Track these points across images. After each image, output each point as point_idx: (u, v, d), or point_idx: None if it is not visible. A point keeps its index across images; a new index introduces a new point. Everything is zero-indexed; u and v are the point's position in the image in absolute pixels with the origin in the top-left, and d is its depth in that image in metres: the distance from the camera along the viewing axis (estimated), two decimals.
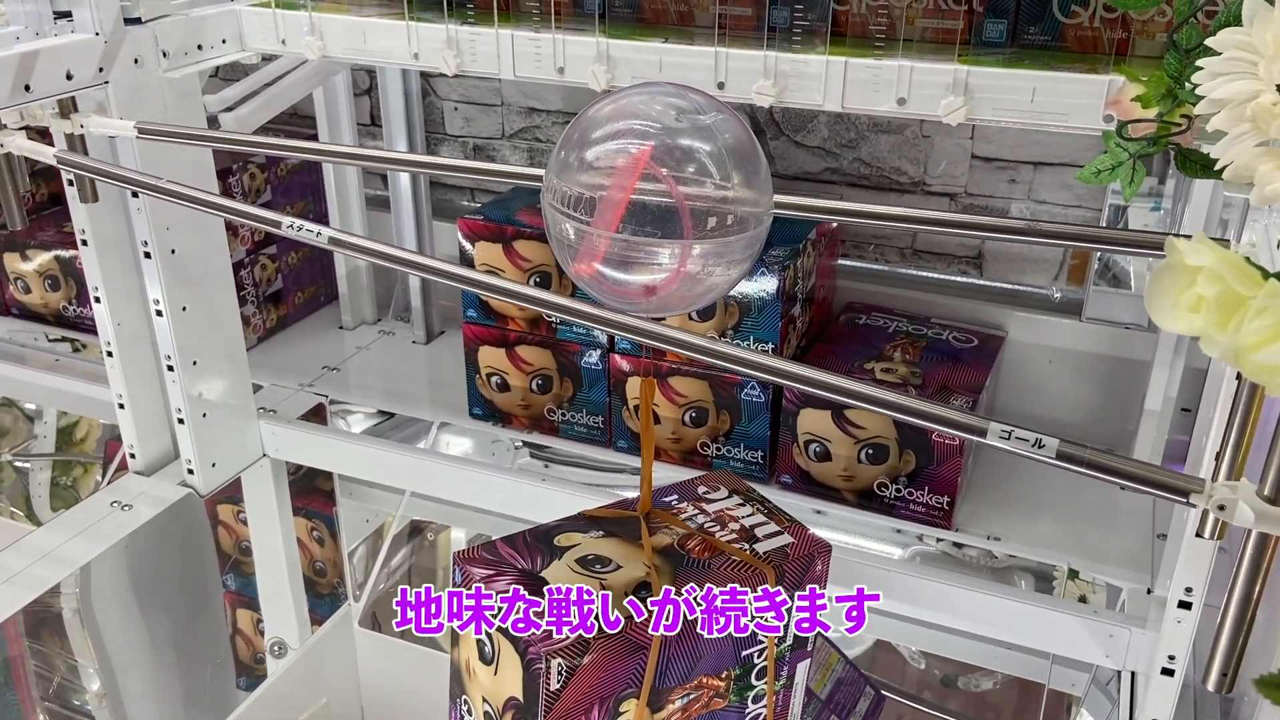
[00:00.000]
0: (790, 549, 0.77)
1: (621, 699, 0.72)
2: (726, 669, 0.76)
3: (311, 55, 1.09)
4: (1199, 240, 0.40)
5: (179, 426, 1.20)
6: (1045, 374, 1.31)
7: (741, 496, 0.85)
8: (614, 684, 0.71)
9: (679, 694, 0.74)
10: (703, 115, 0.67)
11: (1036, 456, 0.56)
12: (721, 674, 0.76)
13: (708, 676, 0.75)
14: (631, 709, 0.72)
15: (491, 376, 1.34)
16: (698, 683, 0.75)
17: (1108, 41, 0.88)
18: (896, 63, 0.88)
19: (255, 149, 1.02)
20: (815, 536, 0.79)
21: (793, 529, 0.80)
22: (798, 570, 0.77)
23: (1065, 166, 1.30)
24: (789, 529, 0.80)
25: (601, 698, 0.70)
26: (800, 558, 0.77)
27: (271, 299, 1.60)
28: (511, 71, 1.02)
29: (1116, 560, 1.09)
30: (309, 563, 1.60)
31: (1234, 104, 0.57)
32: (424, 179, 1.54)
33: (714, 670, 0.76)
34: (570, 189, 0.67)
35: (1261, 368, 0.36)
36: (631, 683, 0.71)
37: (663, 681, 0.73)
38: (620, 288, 0.70)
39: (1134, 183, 0.76)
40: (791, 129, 1.42)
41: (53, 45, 0.94)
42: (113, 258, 1.13)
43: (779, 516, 0.82)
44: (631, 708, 0.72)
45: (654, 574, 0.73)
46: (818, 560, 0.78)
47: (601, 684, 0.70)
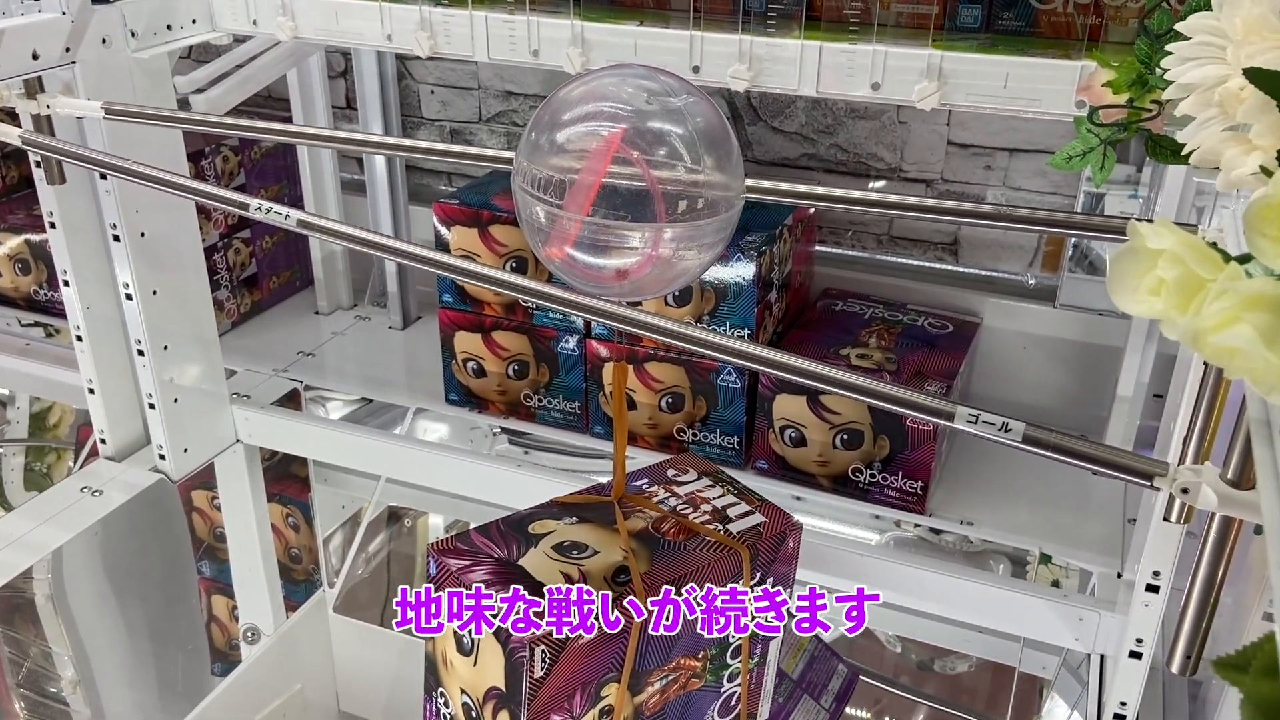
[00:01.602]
0: (763, 528, 0.78)
1: (603, 683, 0.72)
2: (704, 649, 0.77)
3: (283, 36, 1.08)
4: (1161, 224, 0.41)
5: (150, 412, 1.19)
6: (1019, 360, 1.31)
7: (711, 478, 0.85)
8: (596, 669, 0.71)
9: (658, 676, 0.75)
10: (674, 98, 0.67)
11: (1003, 440, 0.57)
12: (699, 655, 0.76)
13: (686, 658, 0.76)
14: (613, 693, 0.72)
15: (468, 362, 1.34)
16: (676, 664, 0.75)
17: (1081, 27, 0.88)
18: (871, 48, 0.87)
19: (224, 130, 1.01)
20: (785, 515, 0.80)
21: (763, 508, 0.80)
22: (771, 548, 0.78)
23: (1041, 153, 1.31)
24: (760, 508, 0.80)
25: (584, 683, 0.71)
26: (772, 536, 0.78)
27: (246, 283, 1.58)
28: (486, 54, 1.01)
29: (1088, 545, 1.10)
30: (284, 549, 1.59)
31: (1202, 89, 0.57)
32: (400, 163, 1.53)
33: (691, 651, 0.76)
34: (541, 172, 0.67)
35: (1220, 350, 0.36)
36: (612, 667, 0.72)
37: (642, 664, 0.73)
38: (592, 271, 0.70)
39: (1105, 168, 0.76)
40: (769, 115, 1.42)
41: (18, 25, 0.93)
42: (81, 241, 1.12)
43: (749, 496, 0.82)
44: (613, 691, 0.72)
45: (631, 558, 0.73)
46: (789, 538, 0.79)
47: (584, 669, 0.70)
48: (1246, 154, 0.53)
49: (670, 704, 0.77)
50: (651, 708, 0.76)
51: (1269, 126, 0.52)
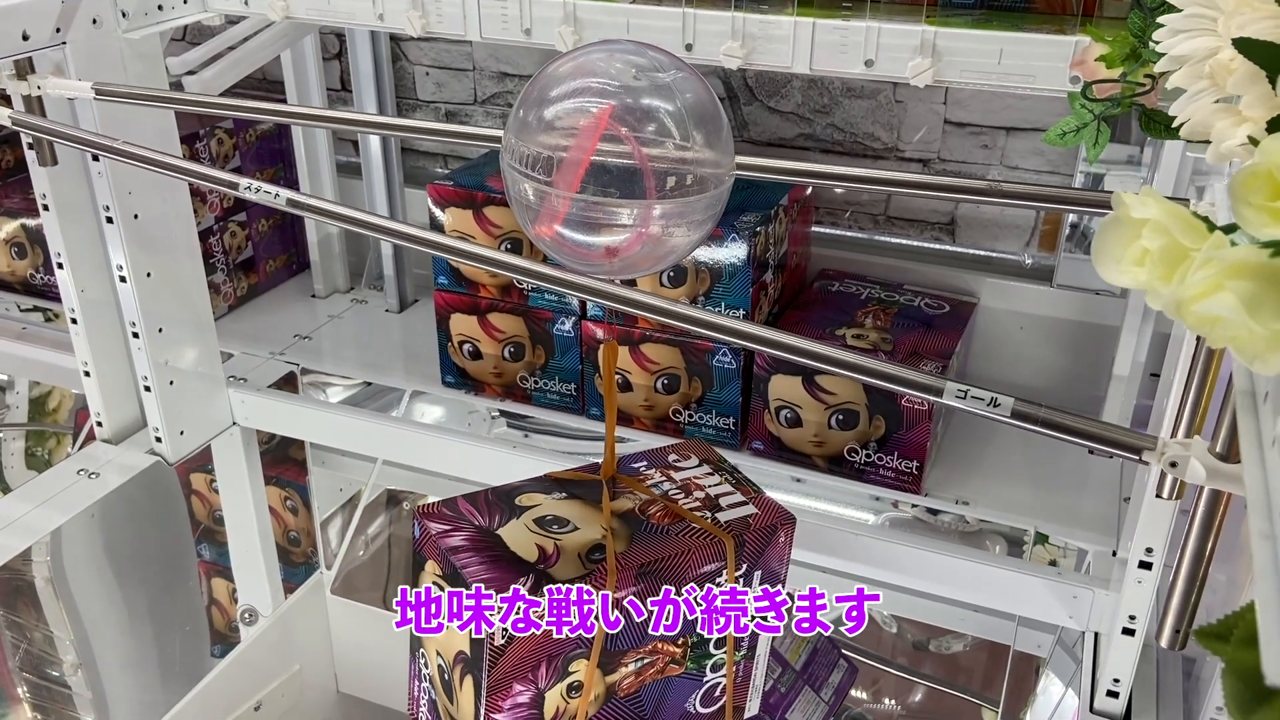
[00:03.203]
0: (753, 519, 0.77)
1: (571, 659, 0.72)
2: (683, 635, 0.76)
3: (274, 16, 1.07)
4: (1146, 193, 0.40)
5: (145, 394, 1.19)
6: (1016, 340, 1.31)
7: (711, 466, 0.84)
8: (562, 643, 0.71)
9: (632, 657, 0.74)
10: (663, 73, 0.67)
11: (992, 415, 0.57)
12: (677, 640, 0.76)
13: (663, 642, 0.75)
14: (582, 669, 0.72)
15: (463, 344, 1.34)
16: (652, 648, 0.75)
17: (1075, 3, 0.88)
18: (864, 24, 0.87)
19: (216, 110, 1.00)
20: (780, 508, 0.79)
21: (758, 500, 0.79)
22: (758, 541, 0.77)
23: (1039, 131, 1.30)
24: (754, 500, 0.79)
25: (549, 656, 0.71)
26: (762, 529, 0.77)
27: (242, 266, 1.58)
28: (478, 33, 1.01)
29: (1083, 523, 1.10)
30: (283, 532, 1.60)
31: (1193, 61, 0.57)
32: (395, 145, 1.52)
33: (669, 636, 0.76)
34: (529, 149, 0.66)
35: (1203, 319, 0.36)
36: (580, 643, 0.71)
37: (614, 644, 0.73)
38: (582, 249, 0.70)
39: (1098, 144, 0.76)
40: (765, 94, 1.41)
41: (7, 5, 0.92)
42: (75, 223, 1.11)
43: (746, 487, 0.81)
44: (581, 668, 0.72)
45: (609, 537, 0.73)
46: (780, 532, 0.78)
47: (549, 642, 0.70)
48: (1237, 125, 0.53)
49: (647, 688, 0.77)
50: (626, 689, 0.76)
51: (1258, 97, 0.51)
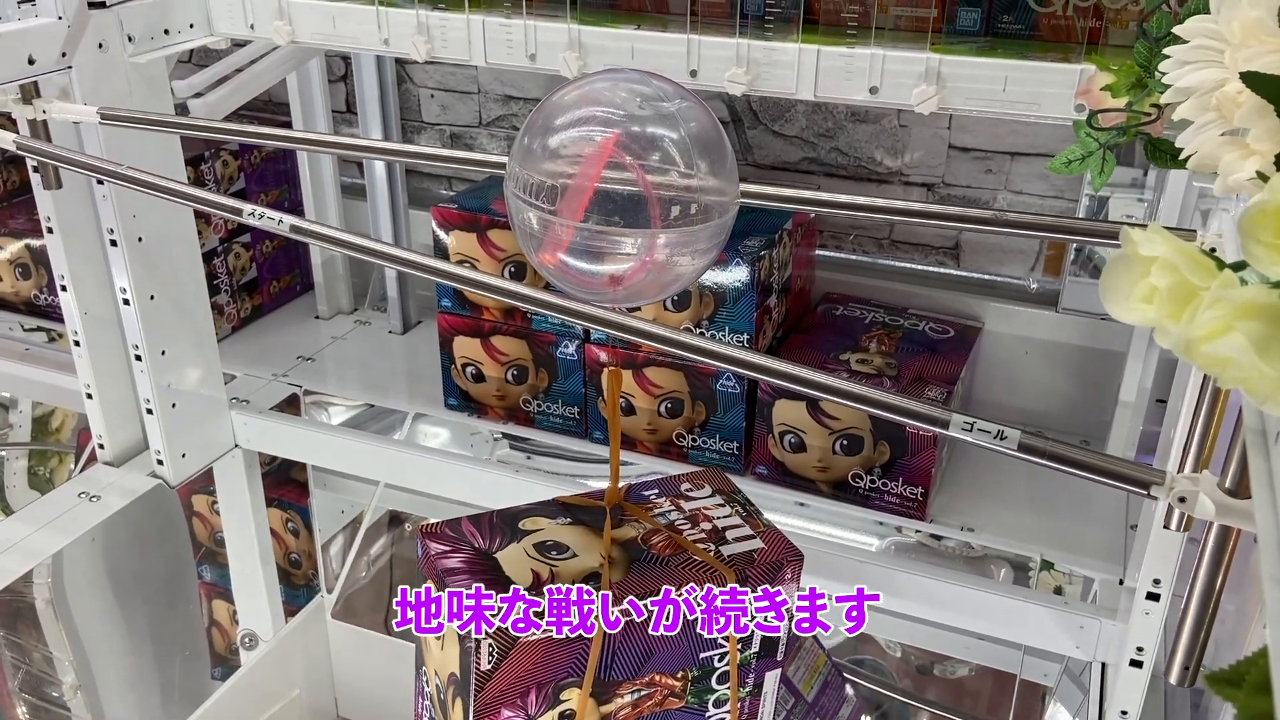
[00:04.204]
0: (758, 554, 0.76)
1: (562, 686, 0.71)
2: (682, 669, 0.75)
3: (280, 40, 1.07)
4: (1153, 230, 0.40)
5: (148, 417, 1.19)
6: (1021, 365, 1.30)
7: (724, 497, 0.83)
8: (552, 670, 0.70)
9: (628, 689, 0.74)
10: (667, 103, 0.67)
11: (999, 449, 0.56)
12: (677, 674, 0.75)
13: (661, 675, 0.74)
14: (573, 697, 0.71)
15: (466, 367, 1.33)
16: (650, 680, 0.74)
17: (1081, 30, 0.87)
18: (869, 51, 0.87)
19: (218, 135, 1.00)
20: (788, 544, 0.78)
21: (766, 535, 0.78)
22: (761, 576, 0.75)
23: (1042, 156, 1.30)
24: (763, 534, 0.78)
25: (539, 683, 0.70)
26: (767, 564, 0.76)
27: (246, 288, 1.58)
28: (483, 58, 1.01)
29: (1090, 551, 1.09)
30: (284, 554, 1.59)
31: (1200, 92, 0.56)
32: (400, 168, 1.53)
33: (668, 669, 0.75)
34: (534, 177, 0.66)
35: (1213, 359, 0.35)
36: (572, 671, 0.71)
37: (609, 674, 0.72)
38: (586, 277, 0.69)
39: (1104, 173, 0.76)
40: (769, 118, 1.41)
41: (13, 29, 0.92)
42: (79, 246, 1.11)
43: (755, 520, 0.80)
44: (573, 696, 0.71)
45: (606, 566, 0.73)
46: (786, 568, 0.76)
47: (538, 669, 0.69)
48: (1244, 158, 0.53)
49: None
50: None
51: (1266, 131, 0.51)
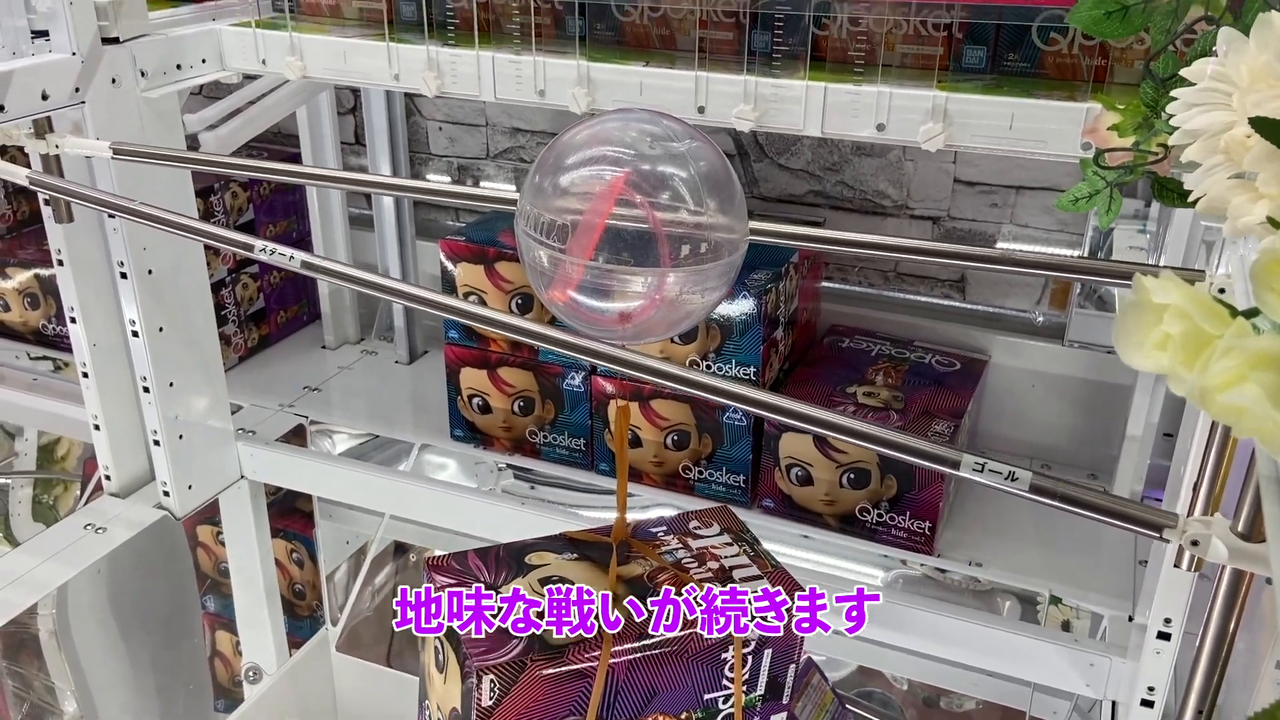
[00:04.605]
0: None
1: None
2: (686, 710, 0.75)
3: (292, 75, 1.08)
4: (1166, 277, 0.40)
5: (155, 448, 1.19)
6: (1028, 398, 1.30)
7: (732, 536, 0.83)
8: (554, 709, 0.70)
9: None
10: (677, 142, 0.67)
11: (1011, 490, 0.56)
12: (680, 715, 0.75)
13: (665, 716, 0.74)
14: None
15: (473, 398, 1.33)
16: (653, 719, 0.74)
17: (1086, 68, 0.88)
18: (876, 89, 0.87)
19: (229, 170, 1.01)
20: (796, 585, 0.77)
21: (774, 575, 0.78)
22: None
23: (1047, 190, 1.30)
24: (770, 575, 0.78)
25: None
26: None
27: (253, 318, 1.59)
28: (493, 93, 1.02)
29: (1098, 586, 1.08)
30: (288, 585, 1.58)
31: (1208, 135, 0.57)
32: (407, 199, 1.54)
33: (671, 709, 0.74)
34: (544, 216, 0.66)
35: (1228, 409, 0.35)
36: (575, 709, 0.70)
37: (611, 713, 0.72)
38: (595, 315, 0.70)
39: (1111, 211, 0.76)
40: (775, 151, 1.42)
41: (28, 65, 0.93)
42: (89, 278, 1.12)
43: (763, 561, 0.80)
44: None
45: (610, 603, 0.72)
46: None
47: (539, 707, 0.69)
48: (1253, 202, 0.53)
49: None
50: None
51: (1275, 175, 0.51)
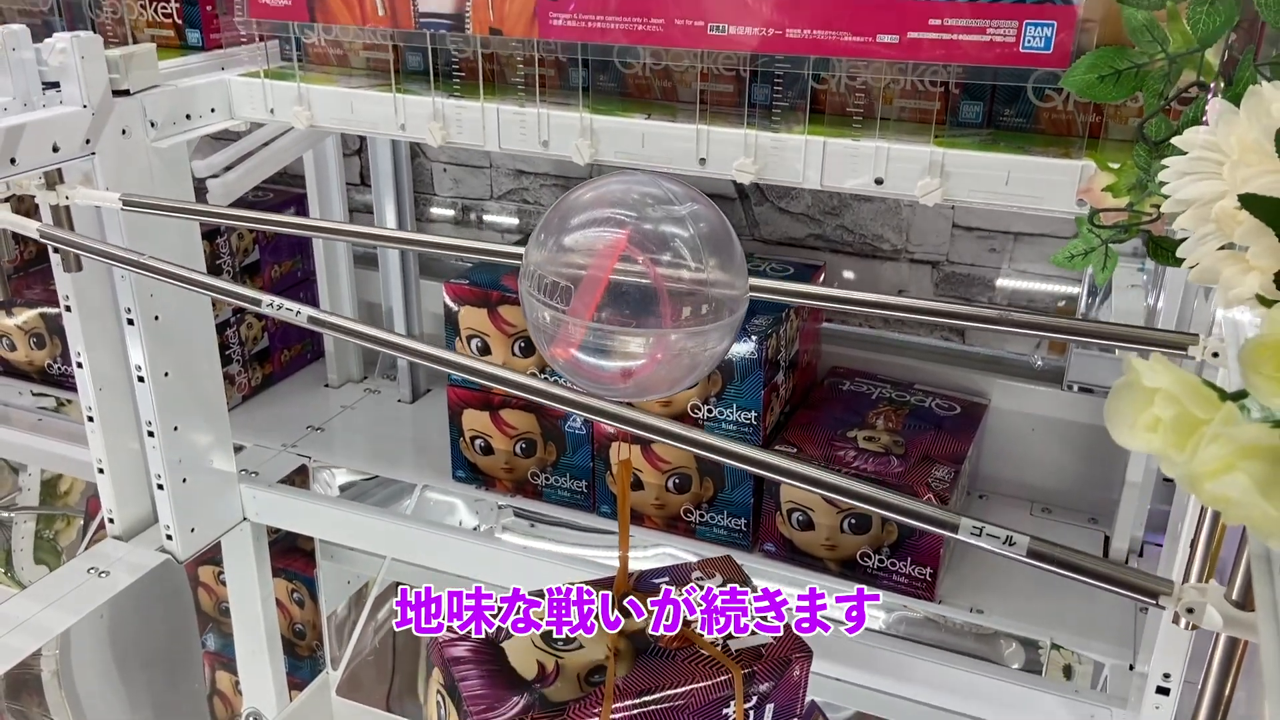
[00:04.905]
0: (765, 650, 0.76)
1: None
2: None
3: (300, 125, 1.10)
4: (1156, 361, 0.41)
5: (158, 492, 1.20)
6: (1028, 442, 1.31)
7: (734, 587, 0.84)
8: None
9: None
10: (678, 205, 0.68)
11: (1008, 554, 0.56)
12: None
13: None
14: None
15: (475, 440, 1.34)
16: None
17: (1081, 125, 0.90)
18: (874, 144, 0.89)
19: (238, 222, 1.02)
20: (797, 640, 0.78)
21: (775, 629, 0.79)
22: (769, 672, 0.75)
23: (1045, 237, 1.32)
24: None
25: None
26: (775, 660, 0.75)
27: (257, 357, 1.60)
28: (497, 144, 1.03)
29: (1099, 634, 1.09)
30: (289, 624, 1.58)
31: (1199, 204, 0.57)
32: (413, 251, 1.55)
33: None
34: (547, 276, 0.68)
35: (1216, 498, 0.36)
36: None
37: None
38: (597, 372, 0.70)
39: (1106, 268, 0.77)
40: (775, 196, 1.43)
41: (39, 119, 0.95)
42: (96, 323, 1.13)
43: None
44: None
45: (612, 659, 0.73)
46: (795, 665, 0.76)
47: None
48: (1244, 273, 0.54)
49: None
50: None
51: (1266, 248, 0.52)
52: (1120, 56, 0.73)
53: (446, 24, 1.01)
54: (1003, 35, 0.81)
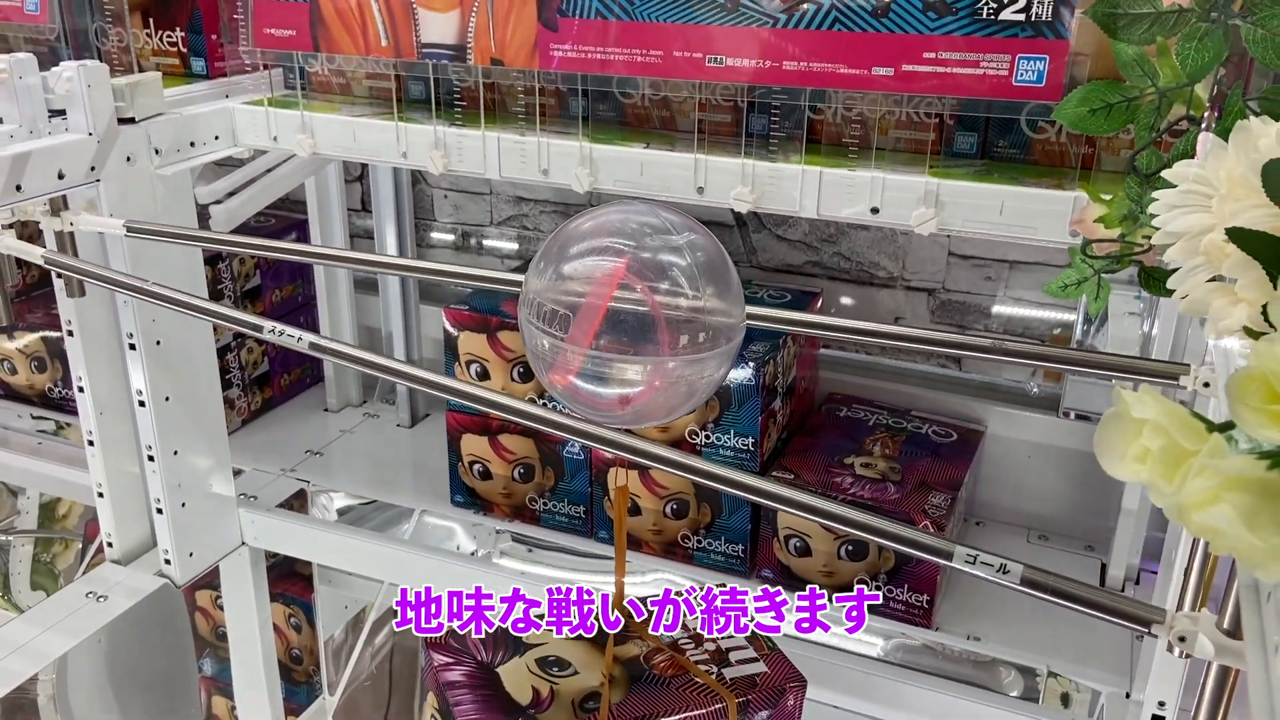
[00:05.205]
0: (760, 678, 0.76)
1: None
2: None
3: (302, 152, 1.11)
4: (1145, 392, 0.42)
5: (157, 516, 1.20)
6: (1024, 469, 1.31)
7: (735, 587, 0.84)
8: None
9: None
10: (676, 235, 0.69)
11: (1002, 582, 0.57)
12: None
13: None
14: None
15: (474, 464, 1.35)
16: None
17: (1074, 156, 0.91)
18: (870, 174, 0.90)
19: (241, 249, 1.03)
20: (792, 669, 0.78)
21: (770, 658, 0.79)
22: (765, 701, 0.75)
23: (1040, 265, 1.33)
24: (767, 657, 0.79)
25: None
26: (769, 689, 0.76)
27: (258, 381, 1.60)
28: (498, 171, 1.04)
29: (1096, 661, 1.09)
30: (285, 649, 1.58)
31: (1189, 237, 0.58)
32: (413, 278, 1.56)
33: None
34: (546, 304, 0.68)
35: (1204, 528, 0.36)
36: None
37: None
38: (595, 399, 0.71)
39: (1100, 298, 0.78)
40: (773, 223, 1.45)
41: (45, 146, 0.96)
42: (98, 348, 1.14)
43: (760, 642, 0.80)
44: None
45: (606, 686, 0.73)
46: (789, 695, 0.76)
47: None
48: (1233, 305, 0.54)
49: None
50: None
51: (1254, 281, 0.53)
52: (1112, 90, 0.74)
53: (448, 54, 1.02)
54: (996, 69, 0.82)
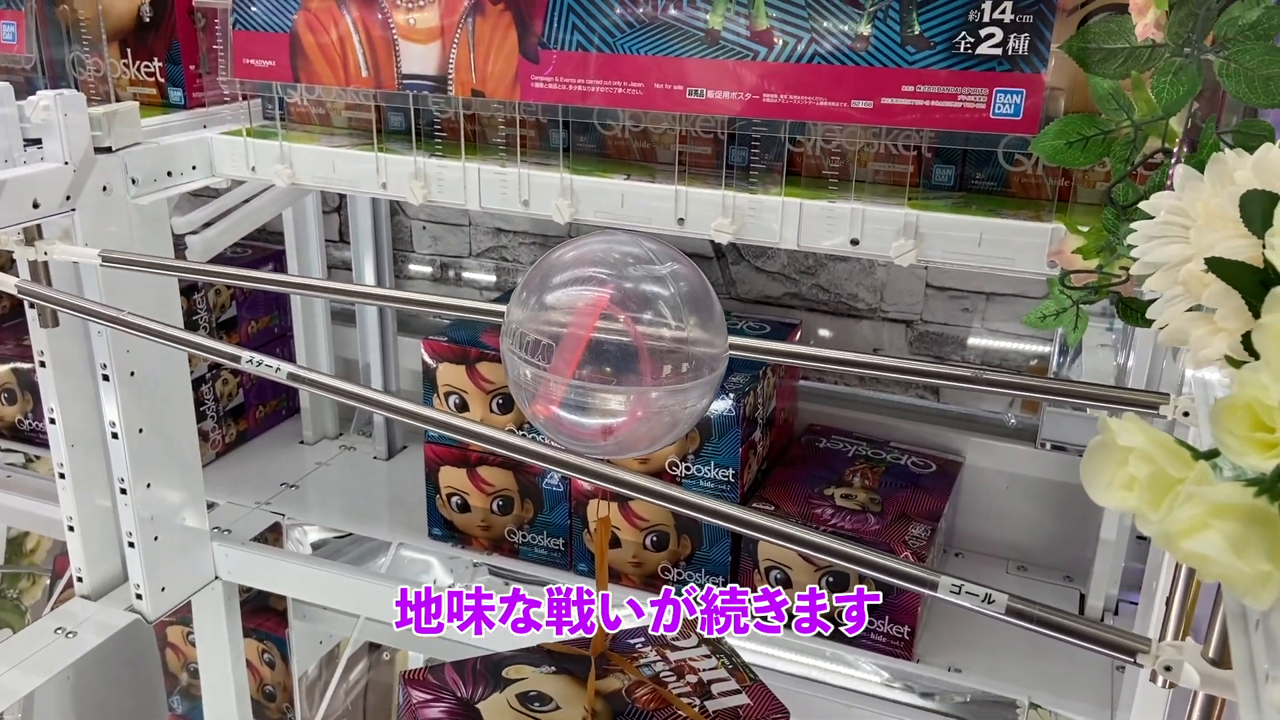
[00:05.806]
0: (743, 711, 0.76)
1: None
2: None
3: (281, 183, 1.11)
4: (1130, 420, 0.42)
5: (129, 550, 1.18)
6: (1003, 499, 1.32)
7: (710, 647, 0.83)
8: None
9: None
10: (659, 265, 0.69)
11: (986, 612, 0.57)
12: None
13: None
14: None
15: (452, 497, 1.33)
16: None
17: (1051, 189, 0.92)
18: (849, 205, 0.91)
19: (217, 279, 1.02)
20: (774, 700, 0.77)
21: (752, 690, 0.78)
22: None
23: (1017, 297, 1.34)
24: (749, 689, 0.78)
25: None
26: None
27: (232, 413, 1.58)
28: (478, 202, 1.04)
29: (1078, 693, 1.08)
30: (258, 686, 1.55)
31: (1167, 267, 0.59)
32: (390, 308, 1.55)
33: None
34: (529, 334, 0.68)
35: (1191, 556, 0.37)
36: None
37: None
38: (577, 429, 0.71)
39: (1078, 329, 0.79)
40: (752, 255, 1.45)
41: (20, 175, 0.95)
42: (70, 379, 1.12)
43: (742, 674, 0.80)
44: None
45: None
46: None
47: None
48: (1213, 334, 0.55)
49: None
50: None
51: (1233, 310, 0.53)
52: (1087, 123, 0.75)
53: (429, 85, 1.02)
54: (974, 102, 0.83)
